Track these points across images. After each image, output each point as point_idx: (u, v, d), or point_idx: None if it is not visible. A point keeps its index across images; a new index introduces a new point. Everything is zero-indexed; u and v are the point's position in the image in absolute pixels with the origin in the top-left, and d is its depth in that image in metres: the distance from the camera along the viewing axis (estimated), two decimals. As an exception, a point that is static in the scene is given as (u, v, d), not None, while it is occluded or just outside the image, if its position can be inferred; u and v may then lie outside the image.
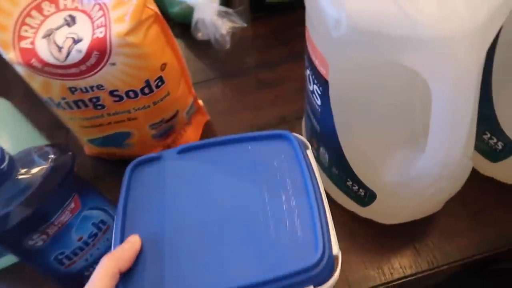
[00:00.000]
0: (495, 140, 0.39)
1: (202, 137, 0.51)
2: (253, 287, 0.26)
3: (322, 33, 0.28)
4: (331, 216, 0.29)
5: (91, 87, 0.38)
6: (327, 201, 0.30)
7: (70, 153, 0.32)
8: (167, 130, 0.46)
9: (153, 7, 0.36)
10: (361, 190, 0.37)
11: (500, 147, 0.39)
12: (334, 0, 0.26)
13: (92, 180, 0.49)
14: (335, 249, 0.27)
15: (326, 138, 0.36)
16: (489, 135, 0.39)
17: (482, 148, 0.40)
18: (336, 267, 0.27)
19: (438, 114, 0.26)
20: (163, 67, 0.39)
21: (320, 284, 0.27)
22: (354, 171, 0.35)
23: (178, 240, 0.29)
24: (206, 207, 0.31)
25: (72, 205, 0.32)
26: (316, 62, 0.31)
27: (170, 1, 0.59)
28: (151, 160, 0.34)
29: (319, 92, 0.32)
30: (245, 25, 0.54)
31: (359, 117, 0.32)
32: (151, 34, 0.37)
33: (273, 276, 0.26)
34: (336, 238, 0.28)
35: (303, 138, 0.35)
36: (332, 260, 0.27)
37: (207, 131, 0.51)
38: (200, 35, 0.56)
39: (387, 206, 0.37)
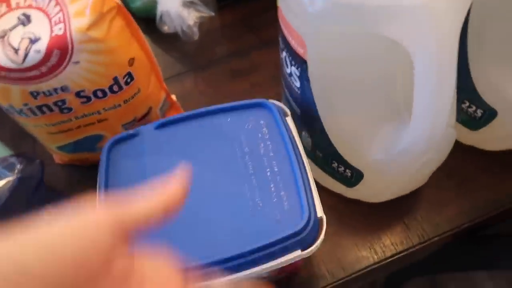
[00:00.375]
0: (474, 108, 0.39)
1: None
2: (244, 256, 0.26)
3: (297, 11, 0.27)
4: (313, 180, 0.29)
5: (55, 90, 0.35)
6: (309, 166, 0.30)
7: (38, 160, 0.30)
8: (141, 129, 0.44)
9: (114, -2, 0.34)
10: (347, 170, 0.36)
11: (479, 114, 0.39)
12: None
13: (66, 190, 0.46)
14: (319, 212, 0.28)
15: (308, 121, 0.35)
16: (468, 103, 0.39)
17: (462, 117, 0.40)
18: (321, 230, 0.28)
19: (421, 85, 0.26)
20: (131, 62, 0.37)
21: (306, 248, 0.27)
22: (339, 152, 0.35)
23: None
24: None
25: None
26: (293, 43, 0.30)
27: (131, -4, 0.56)
28: (128, 137, 0.33)
29: (298, 74, 0.31)
30: (213, 14, 0.52)
31: (341, 96, 0.32)
32: (115, 27, 0.34)
33: (262, 244, 0.26)
34: (319, 201, 0.28)
35: (281, 105, 0.34)
36: (317, 223, 0.28)
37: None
38: (166, 28, 0.53)
39: (374, 184, 0.37)
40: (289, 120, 0.33)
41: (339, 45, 0.27)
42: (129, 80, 0.38)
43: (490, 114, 0.38)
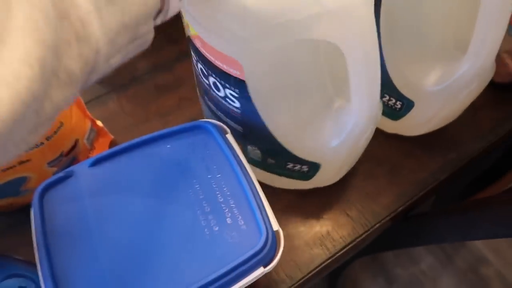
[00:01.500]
0: (394, 101, 0.42)
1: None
2: (208, 285, 0.26)
3: (228, 37, 0.27)
4: (263, 194, 0.30)
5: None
6: (256, 179, 0.30)
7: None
8: (69, 163, 0.41)
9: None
10: (303, 167, 0.38)
11: (399, 106, 0.42)
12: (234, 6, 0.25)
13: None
14: (275, 226, 0.28)
15: (253, 135, 0.36)
16: (388, 97, 0.42)
17: (385, 110, 0.44)
18: (279, 243, 0.28)
19: (355, 75, 0.28)
20: (49, 96, 0.34)
21: (268, 263, 0.27)
22: (294, 153, 0.36)
23: (116, 263, 0.27)
24: (138, 217, 0.29)
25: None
26: (224, 67, 0.30)
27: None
28: (61, 180, 0.30)
29: (236, 95, 0.31)
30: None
31: (283, 100, 0.33)
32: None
33: (225, 269, 0.26)
34: (273, 214, 0.29)
35: (219, 124, 0.34)
36: (275, 237, 0.28)
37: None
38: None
39: (330, 170, 0.39)
40: (230, 137, 0.33)
41: (274, 56, 0.28)
42: (49, 115, 0.35)
43: (408, 105, 0.41)
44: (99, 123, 0.45)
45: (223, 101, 0.34)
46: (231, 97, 0.32)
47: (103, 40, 0.18)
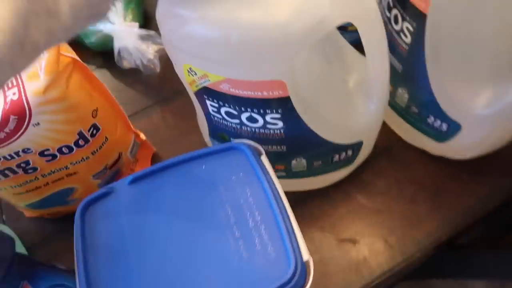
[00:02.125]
0: (439, 123, 0.40)
1: (151, 171, 0.48)
2: None
3: (270, 62, 0.28)
4: (295, 221, 0.29)
5: (16, 153, 0.33)
6: (289, 206, 0.30)
7: (7, 237, 0.28)
8: (113, 175, 0.42)
9: (70, 52, 0.33)
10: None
11: (445, 128, 0.40)
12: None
13: (40, 244, 0.44)
14: (306, 256, 0.28)
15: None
16: (432, 118, 0.40)
17: (430, 131, 0.41)
18: (309, 273, 0.28)
19: None
20: (95, 113, 0.36)
21: None
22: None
23: (150, 278, 0.28)
24: (171, 237, 0.30)
25: (23, 294, 0.28)
26: (264, 94, 0.30)
27: (84, 33, 0.54)
28: (102, 196, 0.32)
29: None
30: (173, 45, 0.51)
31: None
32: (74, 83, 0.33)
33: None
34: (304, 243, 0.28)
35: (256, 145, 0.34)
36: (305, 267, 0.27)
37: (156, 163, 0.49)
38: (126, 64, 0.52)
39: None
40: (264, 159, 0.33)
41: (309, 59, 0.30)
42: (94, 131, 0.37)
43: (454, 128, 0.39)
44: (142, 136, 0.47)
45: (262, 130, 0.34)
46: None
47: (69, 15, 0.19)
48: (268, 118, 0.33)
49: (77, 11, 0.19)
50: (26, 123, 0.31)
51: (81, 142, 0.36)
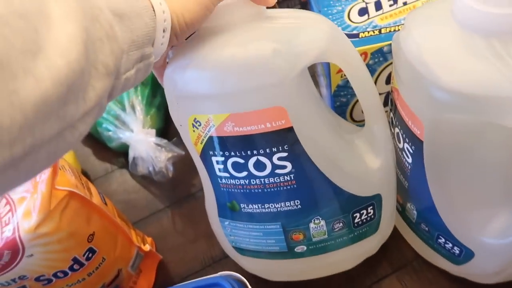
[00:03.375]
0: (450, 245, 0.37)
1: (156, 281, 0.48)
2: None
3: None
4: None
5: (13, 280, 0.35)
6: None
7: None
8: (112, 292, 0.42)
9: (66, 185, 0.35)
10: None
11: (457, 251, 0.36)
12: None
13: None
14: None
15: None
16: (443, 239, 0.37)
17: (443, 252, 0.38)
18: None
19: None
20: (91, 238, 0.37)
21: None
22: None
23: None
24: None
25: None
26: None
27: (107, 137, 0.58)
28: None
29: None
30: (183, 153, 0.53)
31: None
32: (68, 214, 0.35)
33: None
34: None
35: (241, 278, 0.33)
36: None
37: (162, 273, 0.48)
38: (140, 170, 0.54)
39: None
40: (249, 293, 0.31)
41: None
42: (90, 255, 0.37)
43: (467, 254, 0.35)
44: (147, 247, 0.47)
45: (272, 180, 0.34)
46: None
47: (125, 41, 0.22)
48: (275, 159, 0.32)
49: (128, 45, 0.22)
50: (20, 256, 0.33)
51: (75, 266, 0.37)
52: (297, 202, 0.34)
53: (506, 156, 0.31)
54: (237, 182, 0.35)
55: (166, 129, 0.60)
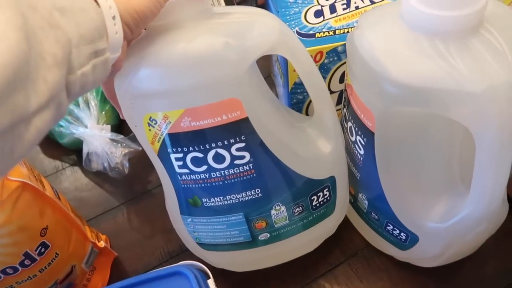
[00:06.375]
0: (398, 231, 0.39)
1: (111, 278, 0.46)
2: None
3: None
4: None
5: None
6: None
7: None
8: (65, 289, 0.41)
9: (18, 176, 0.33)
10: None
11: (403, 237, 0.39)
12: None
13: None
14: None
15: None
16: (391, 226, 0.40)
17: (391, 238, 0.41)
18: None
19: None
20: (44, 232, 0.36)
21: None
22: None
23: None
24: None
25: None
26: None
27: (58, 133, 0.56)
28: None
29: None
30: (140, 149, 0.52)
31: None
32: (21, 206, 0.33)
33: None
34: None
35: (202, 267, 0.33)
36: None
37: (117, 269, 0.47)
38: (94, 166, 0.53)
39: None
40: (211, 283, 0.32)
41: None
42: (43, 250, 0.36)
43: (412, 238, 0.38)
44: (102, 243, 0.46)
45: (232, 171, 0.34)
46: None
47: (73, 35, 0.21)
48: (233, 150, 0.33)
49: (77, 38, 0.22)
50: (-35, 249, 0.31)
51: (27, 262, 0.35)
52: (258, 190, 0.35)
53: (448, 146, 0.35)
54: (197, 177, 0.35)
55: (120, 126, 0.59)
